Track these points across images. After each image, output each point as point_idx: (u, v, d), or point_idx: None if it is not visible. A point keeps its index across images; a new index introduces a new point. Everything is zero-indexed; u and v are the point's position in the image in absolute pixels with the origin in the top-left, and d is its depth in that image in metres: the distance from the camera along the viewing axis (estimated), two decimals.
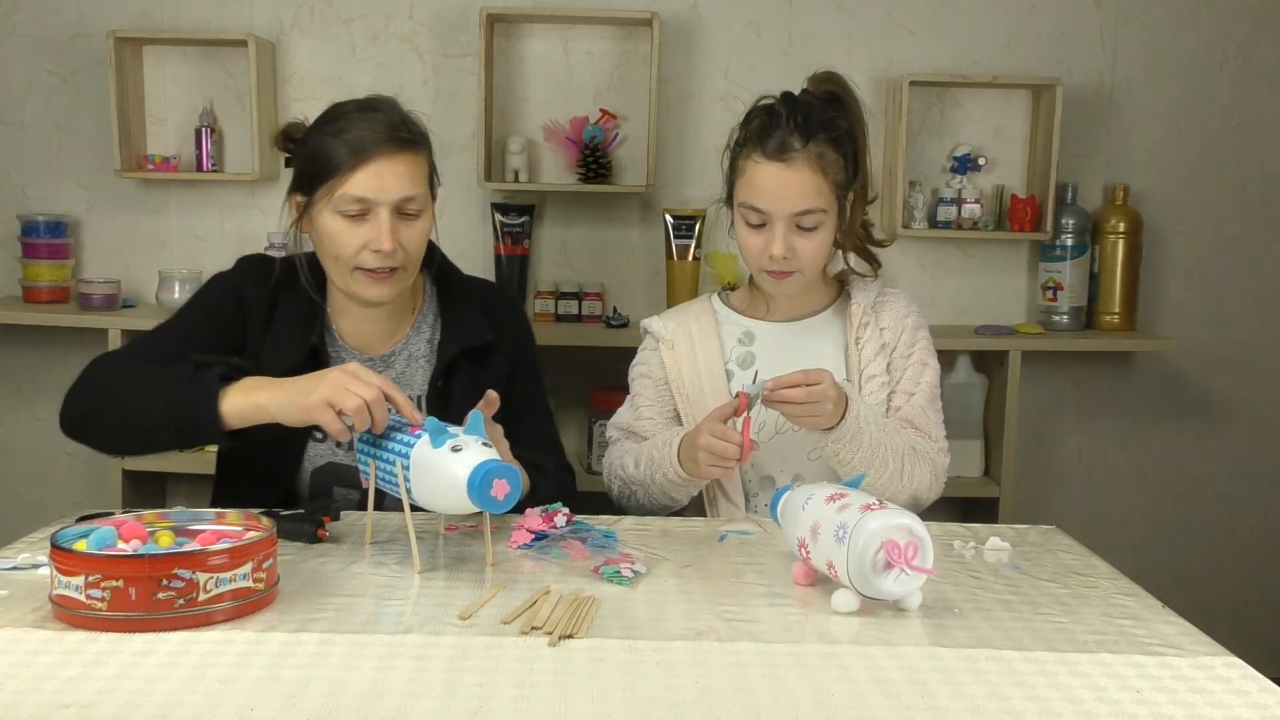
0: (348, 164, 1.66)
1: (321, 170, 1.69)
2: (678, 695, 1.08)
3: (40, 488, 3.03)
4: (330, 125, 1.71)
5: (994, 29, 2.93)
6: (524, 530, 1.55)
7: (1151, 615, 1.34)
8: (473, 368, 1.82)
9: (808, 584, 1.40)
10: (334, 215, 1.69)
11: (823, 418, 1.64)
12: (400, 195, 1.68)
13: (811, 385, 1.62)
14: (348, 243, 1.69)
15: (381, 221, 1.67)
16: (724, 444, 1.63)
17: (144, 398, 1.58)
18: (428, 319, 1.87)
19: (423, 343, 1.85)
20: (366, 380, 1.48)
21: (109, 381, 1.65)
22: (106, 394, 1.64)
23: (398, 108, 1.75)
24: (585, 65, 2.91)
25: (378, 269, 1.70)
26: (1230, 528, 3.12)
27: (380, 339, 1.83)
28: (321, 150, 1.69)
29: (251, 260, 1.86)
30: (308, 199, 1.72)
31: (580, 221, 2.97)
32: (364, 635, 1.20)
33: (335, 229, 1.69)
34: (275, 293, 1.80)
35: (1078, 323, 2.92)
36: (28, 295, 2.85)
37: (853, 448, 1.67)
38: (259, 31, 2.85)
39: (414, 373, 1.83)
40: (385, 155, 1.67)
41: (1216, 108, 2.98)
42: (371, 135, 1.67)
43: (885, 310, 1.87)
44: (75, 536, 1.28)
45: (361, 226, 1.68)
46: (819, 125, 1.73)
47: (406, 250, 1.71)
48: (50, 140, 2.92)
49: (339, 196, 1.67)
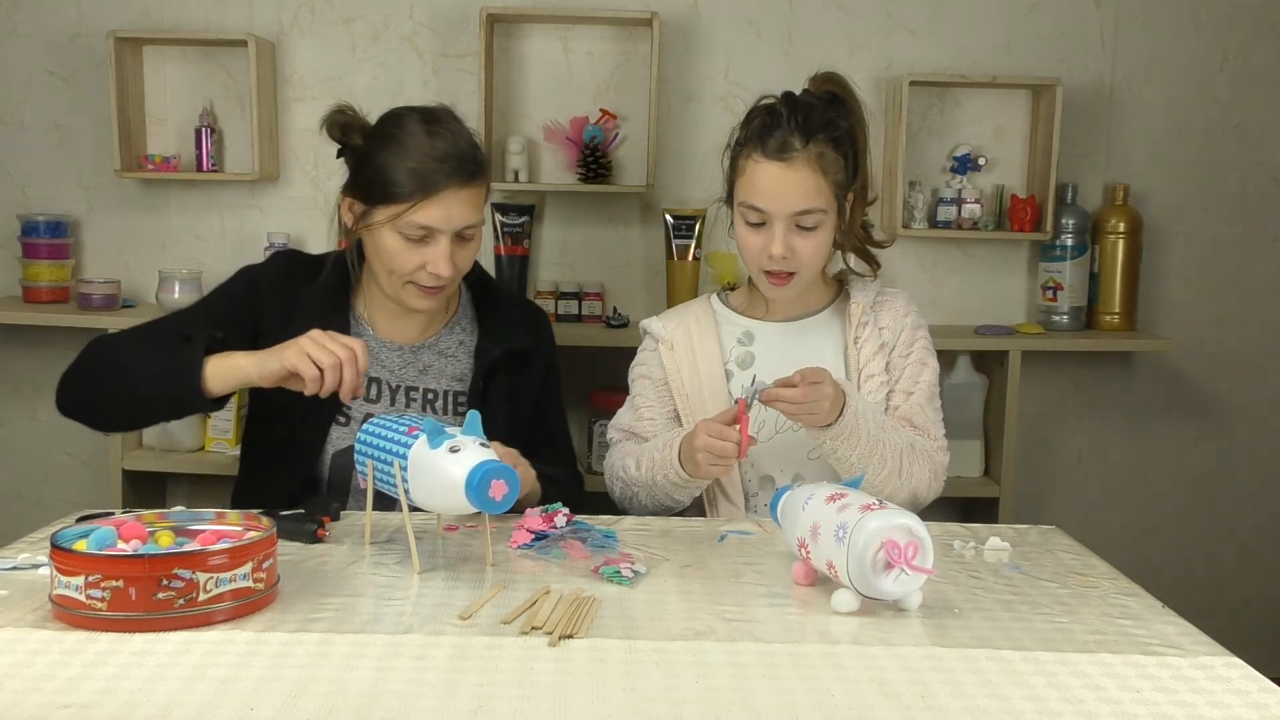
0: (416, 194, 1.69)
1: (387, 191, 1.70)
2: (678, 695, 1.08)
3: (40, 488, 3.03)
4: (395, 144, 1.72)
5: (994, 29, 2.93)
6: (524, 530, 1.55)
7: (1151, 615, 1.34)
8: (510, 373, 1.88)
9: (808, 584, 1.40)
10: (394, 235, 1.72)
11: (819, 415, 1.65)
12: (464, 224, 1.73)
13: (810, 385, 1.63)
14: (406, 261, 1.73)
15: (442, 248, 1.72)
16: (722, 443, 1.64)
17: (133, 371, 1.64)
18: (461, 322, 1.92)
19: (454, 343, 1.90)
20: (344, 342, 1.56)
21: (101, 359, 1.71)
22: (98, 370, 1.69)
23: (464, 131, 1.76)
24: (585, 65, 2.91)
25: (431, 286, 1.74)
26: (1230, 528, 3.11)
27: (412, 332, 1.88)
28: (387, 171, 1.71)
29: (281, 255, 1.92)
30: (366, 208, 1.74)
31: (580, 221, 2.97)
32: (364, 635, 1.20)
33: (395, 248, 1.73)
34: (298, 284, 1.83)
35: (1078, 323, 2.92)
36: (28, 295, 2.85)
37: (850, 444, 1.67)
38: (259, 31, 2.85)
39: (441, 367, 1.88)
40: (456, 187, 1.71)
41: (1216, 108, 2.98)
42: (442, 167, 1.69)
43: (884, 310, 1.88)
44: (75, 536, 1.28)
45: (420, 248, 1.72)
46: (819, 125, 1.73)
47: (460, 269, 1.76)
48: (50, 140, 2.92)
49: (403, 222, 1.70)
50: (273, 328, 1.78)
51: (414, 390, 1.86)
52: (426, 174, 1.69)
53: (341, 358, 1.56)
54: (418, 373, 1.87)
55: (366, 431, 1.51)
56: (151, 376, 1.63)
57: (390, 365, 1.86)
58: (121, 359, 1.69)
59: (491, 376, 1.87)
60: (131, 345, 1.72)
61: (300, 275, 1.85)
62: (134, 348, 1.71)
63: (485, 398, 1.85)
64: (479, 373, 1.86)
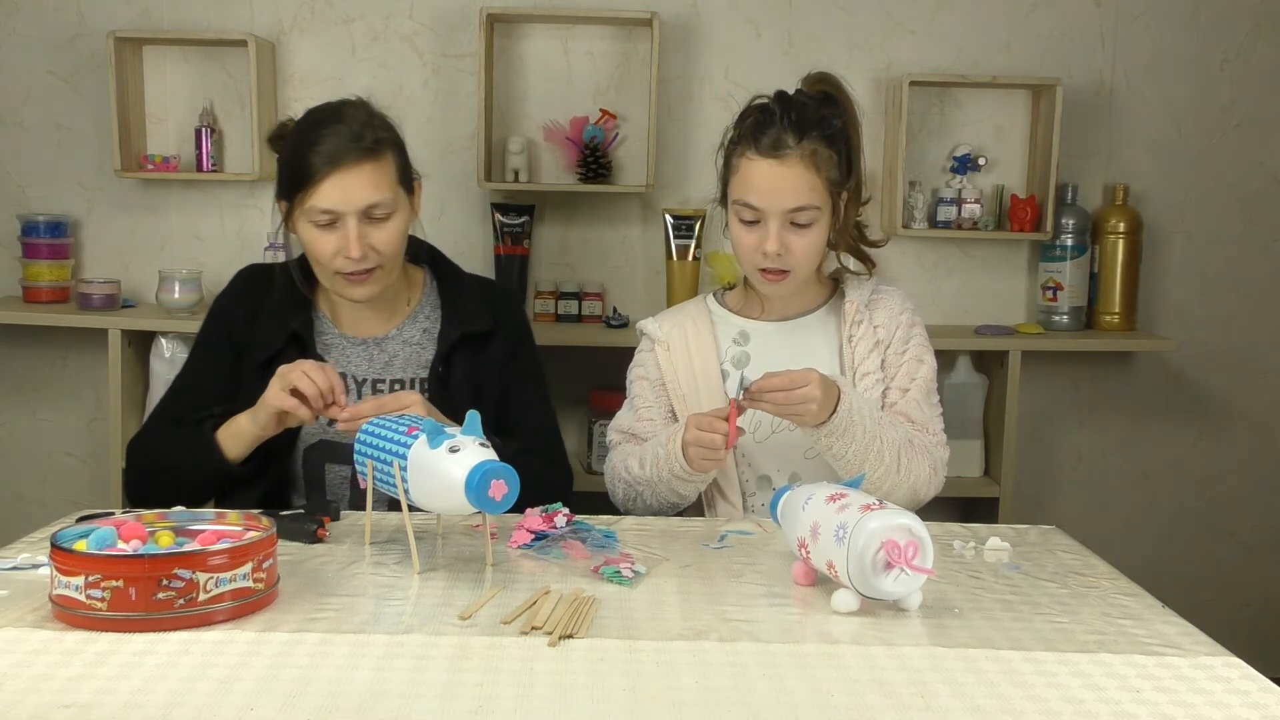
0: (313, 177, 1.74)
1: (294, 181, 1.77)
2: (678, 695, 1.08)
3: (40, 488, 3.03)
4: (301, 136, 1.79)
5: (994, 29, 2.93)
6: (524, 530, 1.55)
7: (1151, 615, 1.34)
8: (471, 354, 1.89)
9: (808, 584, 1.40)
10: (308, 225, 1.78)
11: (809, 415, 1.65)
12: (365, 203, 1.75)
13: (793, 389, 1.62)
14: (322, 249, 1.78)
15: (350, 230, 1.76)
16: (709, 435, 1.64)
17: (169, 468, 1.79)
18: (424, 309, 1.94)
19: (418, 330, 1.92)
20: (303, 369, 1.66)
21: (144, 462, 1.86)
22: (148, 474, 1.85)
23: (361, 113, 1.80)
24: (585, 65, 2.91)
25: (353, 272, 1.78)
26: (1230, 528, 3.12)
27: (375, 325, 1.91)
28: (291, 161, 1.79)
29: (241, 274, 1.98)
30: (287, 205, 1.81)
31: (580, 221, 2.97)
32: (364, 635, 1.20)
33: (310, 237, 1.79)
34: (260, 294, 1.91)
35: (1078, 323, 2.92)
36: (28, 295, 2.85)
37: (846, 441, 1.67)
38: (259, 31, 2.85)
39: (408, 356, 1.90)
40: (347, 166, 1.74)
41: (1216, 108, 2.98)
42: (333, 147, 1.74)
43: (879, 308, 1.87)
44: (75, 536, 1.28)
45: (333, 234, 1.77)
46: (813, 123, 1.74)
47: (380, 251, 1.79)
48: (50, 140, 2.92)
49: (308, 209, 1.76)
50: (245, 341, 1.87)
51: (381, 382, 1.88)
52: (315, 157, 1.74)
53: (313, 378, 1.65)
54: (384, 364, 1.89)
55: (366, 432, 1.51)
56: (185, 467, 1.77)
57: (356, 360, 1.89)
58: (156, 458, 1.84)
59: (451, 360, 1.88)
60: (160, 443, 1.85)
61: (259, 284, 1.93)
62: (162, 445, 1.84)
63: (447, 382, 1.86)
64: (438, 357, 1.88)
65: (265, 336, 1.85)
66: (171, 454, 1.80)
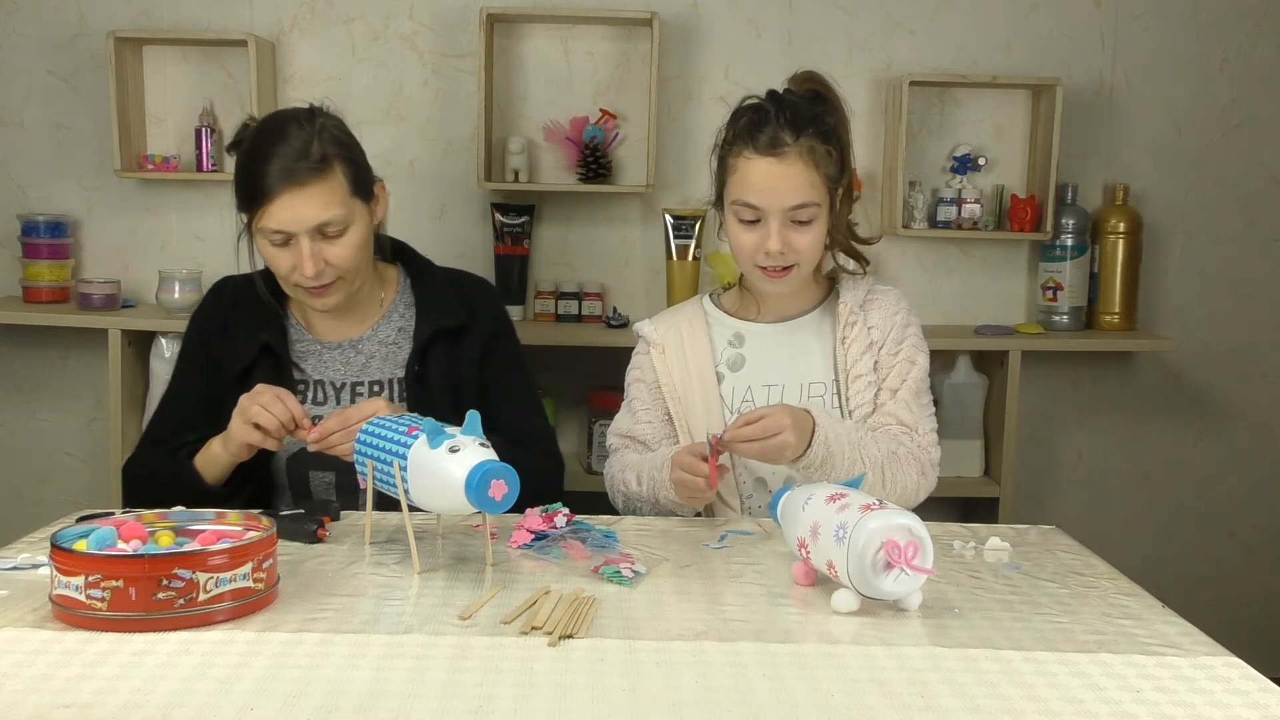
0: (259, 199, 1.73)
1: (244, 199, 1.77)
2: (678, 695, 1.08)
3: (40, 488, 3.03)
4: (243, 154, 1.79)
5: (994, 29, 2.93)
6: (524, 530, 1.55)
7: (1151, 615, 1.34)
8: (447, 349, 1.88)
9: (808, 584, 1.40)
10: (264, 241, 1.77)
11: (784, 458, 1.63)
12: (315, 222, 1.74)
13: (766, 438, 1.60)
14: (279, 265, 1.78)
15: (303, 248, 1.75)
16: (691, 478, 1.64)
17: (161, 489, 1.76)
18: (399, 308, 1.93)
19: (393, 330, 1.91)
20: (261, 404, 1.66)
21: (138, 485, 1.88)
22: (142, 495, 1.84)
23: (306, 129, 1.76)
24: (585, 65, 2.91)
25: (312, 286, 1.77)
26: (1230, 528, 3.11)
27: (349, 327, 1.91)
28: (240, 179, 1.78)
29: (215, 287, 1.99)
30: (248, 218, 1.79)
31: (580, 221, 2.97)
32: (364, 635, 1.20)
33: (268, 254, 1.79)
34: (232, 306, 1.91)
35: (1078, 323, 2.92)
36: (28, 295, 2.85)
37: (824, 471, 1.65)
38: (259, 31, 2.85)
39: (385, 357, 1.89)
40: (294, 187, 1.72)
41: (1216, 108, 2.98)
42: (279, 168, 1.72)
43: (874, 308, 1.86)
44: (75, 536, 1.28)
45: (288, 251, 1.76)
46: (808, 120, 1.74)
47: (336, 266, 1.78)
48: (50, 140, 2.92)
49: (261, 228, 1.75)
50: (220, 355, 1.87)
51: (359, 385, 1.87)
52: (261, 180, 1.72)
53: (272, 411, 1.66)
54: (360, 367, 1.88)
55: (366, 432, 1.51)
56: (173, 489, 1.75)
57: (332, 365, 1.88)
58: (145, 485, 1.85)
59: (427, 356, 1.86)
60: (147, 470, 1.87)
61: (232, 296, 1.92)
62: (149, 472, 1.85)
63: (424, 379, 1.85)
64: (413, 355, 1.86)
65: (238, 349, 1.85)
66: (159, 481, 1.81)
